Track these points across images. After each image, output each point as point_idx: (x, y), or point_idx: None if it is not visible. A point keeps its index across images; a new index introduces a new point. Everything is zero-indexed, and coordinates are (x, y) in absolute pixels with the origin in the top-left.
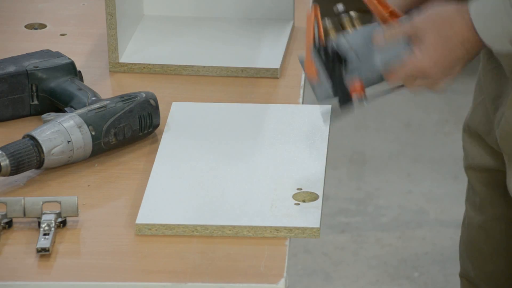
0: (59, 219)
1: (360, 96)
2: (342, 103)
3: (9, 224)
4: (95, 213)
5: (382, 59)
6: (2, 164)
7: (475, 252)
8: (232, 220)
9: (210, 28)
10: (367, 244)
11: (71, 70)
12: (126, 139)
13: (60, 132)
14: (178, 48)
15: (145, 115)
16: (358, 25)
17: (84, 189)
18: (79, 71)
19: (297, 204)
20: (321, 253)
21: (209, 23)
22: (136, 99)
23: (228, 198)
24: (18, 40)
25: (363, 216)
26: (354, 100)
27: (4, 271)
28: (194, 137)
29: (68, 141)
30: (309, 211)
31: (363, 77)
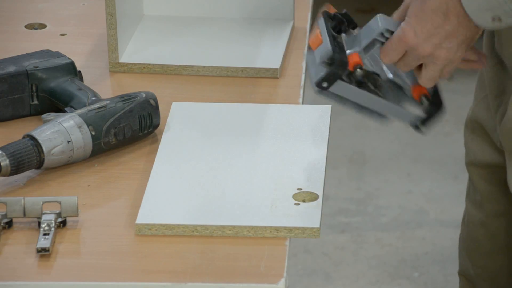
0: (59, 219)
1: (358, 66)
2: (338, 70)
3: (9, 224)
4: (95, 213)
5: (380, 31)
6: (2, 164)
7: (475, 250)
8: (232, 220)
9: (210, 28)
10: (367, 244)
11: (71, 70)
12: (126, 139)
13: (60, 132)
14: (178, 48)
15: (145, 115)
16: None
17: (84, 189)
18: (79, 71)
19: (297, 204)
20: (321, 253)
21: (209, 23)
22: (136, 99)
23: (228, 198)
24: (18, 40)
25: (363, 216)
26: (353, 71)
27: (4, 271)
28: (194, 137)
29: (68, 141)
30: (309, 211)
31: (362, 53)
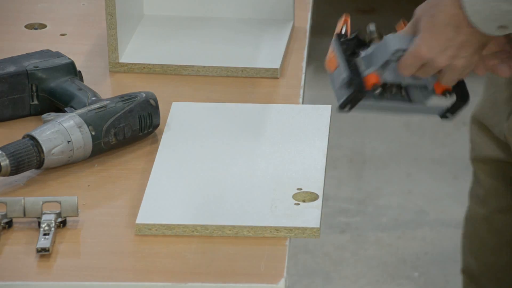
0: (59, 219)
1: (376, 86)
2: (357, 93)
3: (9, 224)
4: (95, 213)
5: (388, 53)
6: (2, 164)
7: (479, 246)
8: (232, 220)
9: (210, 28)
10: (367, 244)
11: (71, 70)
12: (126, 139)
13: (60, 132)
14: (178, 48)
15: (145, 115)
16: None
17: (84, 189)
18: (79, 71)
19: (297, 204)
20: (321, 253)
21: (209, 23)
22: (136, 99)
23: (228, 198)
24: (18, 40)
25: (363, 216)
26: (371, 90)
27: (4, 271)
28: (194, 137)
29: (68, 141)
30: (309, 211)
31: (378, 70)
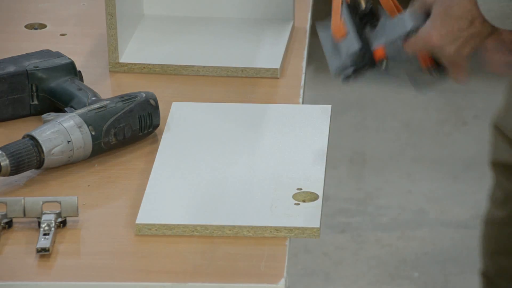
0: (59, 219)
1: (382, 60)
2: (366, 66)
3: (9, 224)
4: (95, 213)
5: (401, 31)
6: (2, 164)
7: (497, 249)
8: (232, 220)
9: (210, 28)
10: (367, 244)
11: (71, 70)
12: (126, 139)
13: (60, 132)
14: (178, 48)
15: (145, 115)
16: None
17: (84, 189)
18: (79, 71)
19: (297, 204)
20: (321, 253)
21: (209, 23)
22: (136, 99)
23: (228, 198)
24: (18, 40)
25: (363, 216)
26: (377, 64)
27: (4, 271)
28: (194, 137)
29: (68, 141)
30: (309, 211)
31: (387, 45)
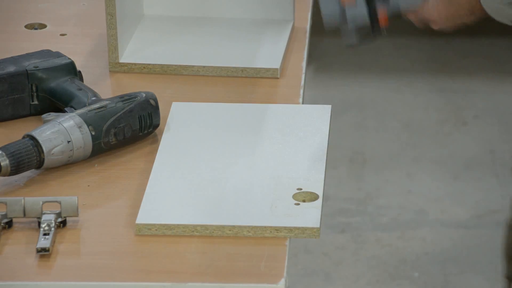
0: (59, 219)
1: (384, 26)
2: (371, 31)
3: (9, 224)
4: (95, 213)
5: (408, 3)
6: (2, 164)
7: None
8: (232, 220)
9: (210, 28)
10: (367, 244)
11: (71, 70)
12: (126, 139)
13: (60, 132)
14: (178, 48)
15: (145, 115)
16: None
17: (84, 189)
18: (79, 71)
19: (297, 204)
20: (321, 253)
21: (209, 23)
22: (136, 99)
23: (228, 198)
24: (18, 40)
25: (363, 216)
26: (381, 29)
27: (4, 271)
28: (194, 137)
29: (68, 141)
30: (309, 211)
31: (390, 11)
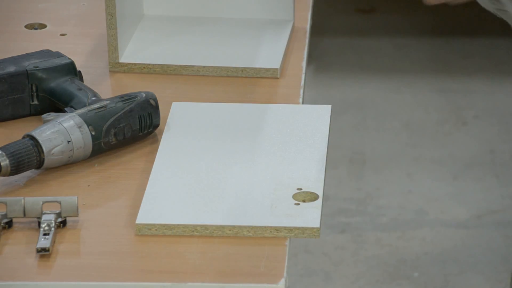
0: (59, 219)
1: None
2: None
3: (9, 224)
4: (95, 213)
5: None
6: (2, 164)
7: None
8: (232, 220)
9: (210, 28)
10: (367, 244)
11: (71, 70)
12: (126, 139)
13: (60, 132)
14: (178, 48)
15: (145, 115)
16: None
17: (84, 189)
18: (79, 71)
19: (297, 204)
20: (321, 253)
21: (209, 23)
22: (136, 99)
23: (228, 198)
24: (18, 40)
25: (363, 216)
26: None
27: (4, 271)
28: (194, 137)
29: (68, 141)
30: (309, 211)
31: None
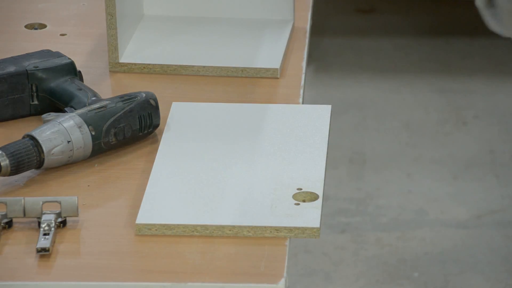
0: (59, 219)
1: None
2: None
3: (9, 224)
4: (95, 213)
5: None
6: (2, 164)
7: None
8: (232, 220)
9: (210, 28)
10: (367, 244)
11: (71, 70)
12: (126, 139)
13: (60, 132)
14: (178, 48)
15: (145, 115)
16: None
17: (84, 189)
18: (79, 71)
19: (297, 204)
20: (321, 253)
21: (209, 23)
22: (136, 99)
23: (228, 198)
24: (18, 40)
25: (363, 216)
26: None
27: (4, 271)
28: (194, 137)
29: (68, 141)
30: (309, 211)
31: None
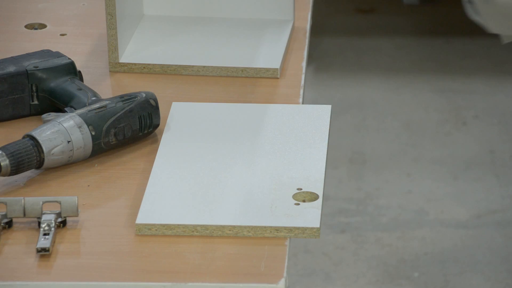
0: (59, 219)
1: None
2: None
3: (9, 224)
4: (95, 213)
5: None
6: (2, 164)
7: None
8: (232, 220)
9: (210, 28)
10: (367, 244)
11: (71, 70)
12: (126, 139)
13: (60, 132)
14: (178, 48)
15: (145, 115)
16: None
17: (84, 189)
18: (79, 71)
19: (297, 204)
20: (321, 253)
21: (209, 23)
22: (136, 99)
23: (228, 198)
24: (18, 40)
25: (363, 216)
26: None
27: (4, 271)
28: (194, 137)
29: (68, 141)
30: (309, 211)
31: None
